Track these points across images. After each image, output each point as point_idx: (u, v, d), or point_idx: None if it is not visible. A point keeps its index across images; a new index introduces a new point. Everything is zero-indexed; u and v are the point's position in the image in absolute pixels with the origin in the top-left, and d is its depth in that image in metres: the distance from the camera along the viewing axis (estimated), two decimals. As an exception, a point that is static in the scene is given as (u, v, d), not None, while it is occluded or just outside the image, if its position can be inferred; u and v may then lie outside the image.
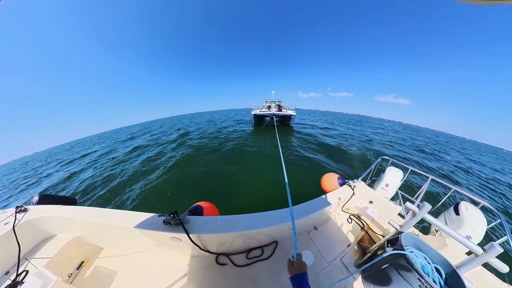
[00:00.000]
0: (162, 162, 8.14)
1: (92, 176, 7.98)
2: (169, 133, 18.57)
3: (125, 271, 1.47)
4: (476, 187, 7.93)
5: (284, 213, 1.54)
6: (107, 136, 36.60)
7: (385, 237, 1.34)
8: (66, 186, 7.72)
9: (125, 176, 7.12)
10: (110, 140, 22.80)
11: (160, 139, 15.29)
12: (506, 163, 19.62)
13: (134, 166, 8.31)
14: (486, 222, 1.68)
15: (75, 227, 1.54)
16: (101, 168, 9.14)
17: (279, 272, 1.42)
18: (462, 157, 15.19)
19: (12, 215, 1.47)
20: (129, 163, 8.93)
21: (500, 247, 0.85)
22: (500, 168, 14.65)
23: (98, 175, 7.91)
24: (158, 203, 4.74)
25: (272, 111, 15.88)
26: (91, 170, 9.12)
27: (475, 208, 1.74)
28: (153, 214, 1.42)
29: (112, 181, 6.86)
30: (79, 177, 8.57)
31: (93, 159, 12.12)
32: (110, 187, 6.27)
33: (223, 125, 20.64)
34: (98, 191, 6.23)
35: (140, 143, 14.24)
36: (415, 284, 0.94)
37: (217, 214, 1.85)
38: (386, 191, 2.37)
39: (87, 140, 36.34)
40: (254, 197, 4.70)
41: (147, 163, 8.47)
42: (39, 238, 1.55)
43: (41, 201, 1.69)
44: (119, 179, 6.88)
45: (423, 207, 1.08)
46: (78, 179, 8.28)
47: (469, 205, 1.76)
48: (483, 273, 1.35)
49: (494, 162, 18.06)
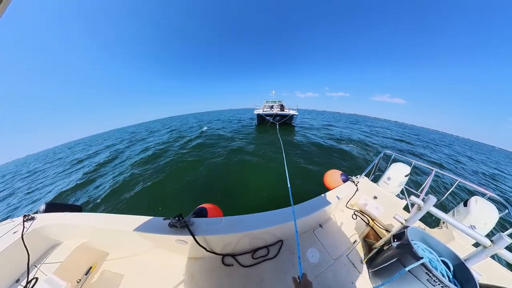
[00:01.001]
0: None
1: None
2: (190, 130, 19.10)
3: (131, 274, 1.49)
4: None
5: (288, 212, 1.54)
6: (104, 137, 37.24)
7: (391, 232, 1.33)
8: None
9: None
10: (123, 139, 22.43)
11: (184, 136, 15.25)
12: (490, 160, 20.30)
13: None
14: (497, 213, 1.62)
15: (81, 234, 1.56)
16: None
17: (285, 271, 1.42)
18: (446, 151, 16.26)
19: (20, 224, 1.49)
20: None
21: (509, 238, 0.84)
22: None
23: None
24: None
25: (274, 111, 16.20)
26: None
27: (485, 201, 1.69)
28: (158, 217, 1.43)
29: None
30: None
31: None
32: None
33: (231, 123, 21.60)
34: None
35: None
36: (423, 278, 0.93)
37: (221, 215, 1.86)
38: (390, 186, 2.35)
39: (96, 138, 36.21)
40: (257, 197, 4.70)
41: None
42: (47, 246, 1.57)
43: (48, 209, 1.72)
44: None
45: (428, 200, 1.07)
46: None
47: (480, 198, 1.71)
48: (492, 265, 1.33)
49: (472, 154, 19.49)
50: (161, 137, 16.99)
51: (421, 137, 25.08)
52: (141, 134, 22.65)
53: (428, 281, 0.91)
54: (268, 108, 17.81)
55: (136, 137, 20.09)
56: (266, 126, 16.67)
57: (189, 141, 12.62)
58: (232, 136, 13.18)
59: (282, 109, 17.34)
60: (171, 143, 12.57)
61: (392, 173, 2.36)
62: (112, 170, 8.57)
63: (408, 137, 21.27)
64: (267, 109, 17.44)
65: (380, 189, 2.11)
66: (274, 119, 16.53)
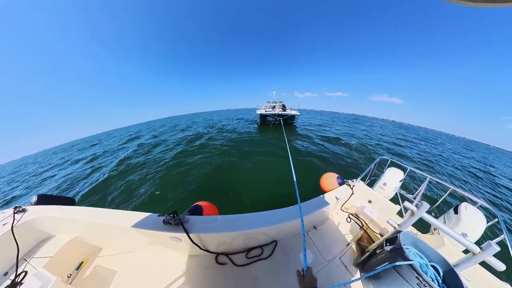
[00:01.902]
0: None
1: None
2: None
3: (124, 271, 1.47)
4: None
5: (283, 213, 1.55)
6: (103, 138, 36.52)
7: (384, 236, 1.35)
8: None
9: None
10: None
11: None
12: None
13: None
14: (485, 221, 1.70)
15: (74, 228, 1.53)
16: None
17: (279, 271, 1.43)
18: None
19: (11, 215, 1.46)
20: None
21: (497, 245, 0.86)
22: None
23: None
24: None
25: (277, 111, 16.86)
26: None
27: (474, 208, 1.76)
28: (152, 214, 1.41)
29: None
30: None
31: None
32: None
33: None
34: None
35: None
36: (413, 282, 0.95)
37: (216, 213, 1.85)
38: (385, 191, 2.38)
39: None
40: (254, 195, 4.73)
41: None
42: (38, 239, 1.54)
43: (40, 201, 1.68)
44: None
45: (421, 206, 1.09)
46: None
47: (469, 206, 1.78)
48: (480, 271, 1.36)
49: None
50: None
51: (418, 135, 26.22)
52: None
53: (418, 285, 0.93)
54: (270, 108, 18.53)
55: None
56: (269, 126, 17.31)
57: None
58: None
59: (284, 109, 18.14)
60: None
61: (387, 178, 2.40)
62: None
63: (403, 136, 22.05)
64: (269, 109, 18.16)
65: (375, 193, 2.13)
66: (276, 119, 17.04)
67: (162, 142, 13.81)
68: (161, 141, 14.05)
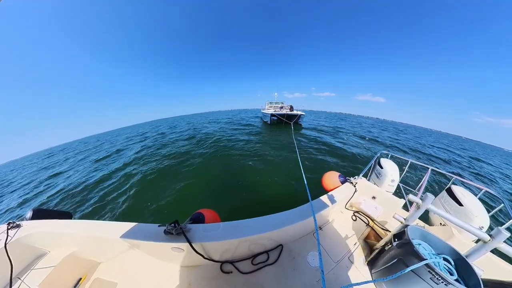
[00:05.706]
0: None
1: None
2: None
3: (125, 285, 1.40)
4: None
5: (286, 216, 1.52)
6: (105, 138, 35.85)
7: (391, 232, 1.32)
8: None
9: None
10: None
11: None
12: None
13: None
14: (483, 207, 1.72)
15: (71, 242, 1.47)
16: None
17: (287, 276, 1.37)
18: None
19: (4, 232, 1.39)
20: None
21: (507, 231, 0.85)
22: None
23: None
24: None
25: (284, 111, 19.33)
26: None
27: (470, 194, 1.78)
28: (152, 224, 1.37)
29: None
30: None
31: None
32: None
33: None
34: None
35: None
36: (426, 276, 0.92)
37: (218, 220, 1.81)
38: (388, 185, 2.36)
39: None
40: (256, 196, 4.66)
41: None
42: (33, 256, 1.47)
43: (35, 216, 1.62)
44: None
45: (427, 198, 1.08)
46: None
47: (464, 191, 1.79)
48: (493, 259, 1.33)
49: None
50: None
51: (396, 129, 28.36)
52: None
53: (431, 279, 0.90)
54: (278, 109, 21.20)
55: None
56: (281, 125, 19.55)
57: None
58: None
59: (291, 109, 20.50)
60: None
61: (387, 172, 2.39)
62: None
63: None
64: (278, 110, 20.86)
65: (378, 189, 2.11)
66: (285, 118, 19.12)
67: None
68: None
